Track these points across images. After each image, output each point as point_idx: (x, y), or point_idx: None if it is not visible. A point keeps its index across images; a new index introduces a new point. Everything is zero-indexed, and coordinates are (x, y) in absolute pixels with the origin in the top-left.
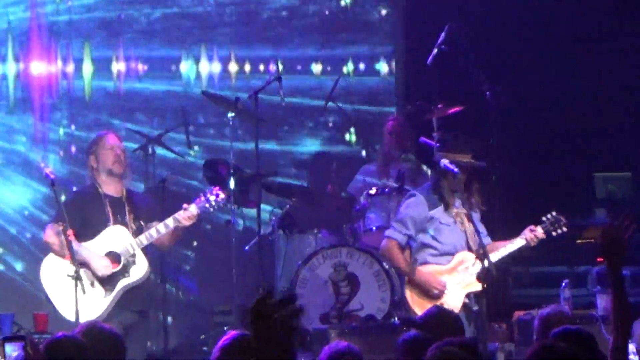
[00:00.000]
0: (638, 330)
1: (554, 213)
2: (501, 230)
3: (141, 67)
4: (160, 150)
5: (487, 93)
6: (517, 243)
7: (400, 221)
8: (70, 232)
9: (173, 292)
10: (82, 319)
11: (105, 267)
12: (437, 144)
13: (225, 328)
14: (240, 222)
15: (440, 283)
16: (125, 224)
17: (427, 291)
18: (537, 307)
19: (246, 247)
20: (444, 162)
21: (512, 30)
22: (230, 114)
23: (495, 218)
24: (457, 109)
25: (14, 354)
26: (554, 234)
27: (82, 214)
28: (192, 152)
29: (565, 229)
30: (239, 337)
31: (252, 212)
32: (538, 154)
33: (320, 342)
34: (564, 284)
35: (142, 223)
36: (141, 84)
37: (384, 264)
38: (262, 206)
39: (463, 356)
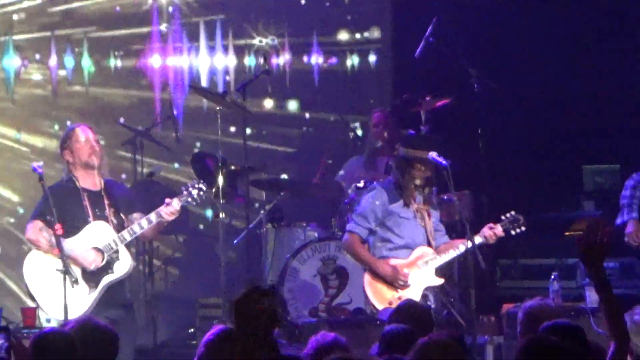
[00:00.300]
0: (627, 322)
1: (513, 212)
2: (491, 221)
3: None
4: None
5: (476, 85)
6: (475, 241)
7: (362, 214)
8: (58, 225)
9: (161, 285)
10: (68, 316)
11: (93, 260)
12: (402, 140)
13: (214, 322)
14: (228, 216)
15: (404, 275)
16: (105, 218)
17: (389, 284)
18: (526, 300)
19: (235, 241)
20: (432, 154)
21: (501, 23)
22: (218, 107)
23: (484, 210)
24: (445, 101)
25: None
26: (512, 232)
27: (60, 209)
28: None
29: (524, 228)
30: (223, 332)
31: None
32: (527, 147)
33: (309, 335)
34: (553, 276)
35: (123, 216)
36: None
37: None
38: (250, 199)
39: (451, 350)
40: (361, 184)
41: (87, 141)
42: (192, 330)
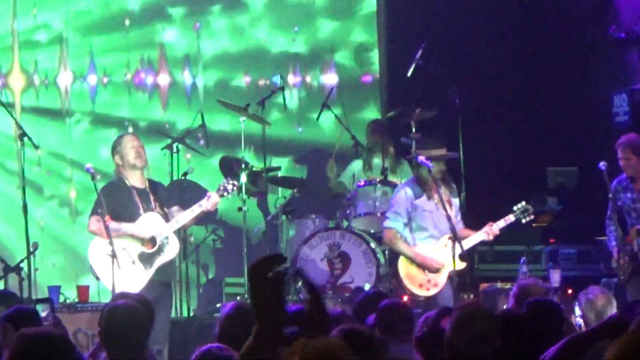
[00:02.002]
0: (582, 299)
1: (523, 203)
2: (469, 215)
3: None
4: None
5: (456, 100)
6: (480, 236)
7: (395, 212)
8: (107, 217)
9: (193, 268)
10: (127, 290)
11: (146, 231)
12: (417, 144)
13: (237, 298)
14: (250, 208)
15: (439, 262)
16: (153, 210)
17: (426, 269)
18: (499, 280)
19: (255, 230)
20: (420, 158)
21: (478, 44)
22: (242, 118)
23: (463, 205)
24: (431, 113)
25: (44, 313)
26: (523, 221)
27: (116, 203)
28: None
29: (532, 216)
30: (239, 305)
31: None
32: (499, 151)
33: None
34: (522, 260)
35: (166, 209)
36: None
37: (371, 244)
38: (269, 195)
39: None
40: (361, 183)
41: (133, 147)
42: (219, 305)
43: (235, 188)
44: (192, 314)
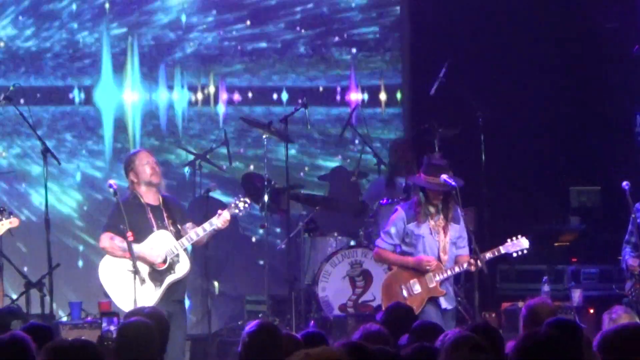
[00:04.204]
0: (606, 319)
1: (519, 239)
2: (490, 234)
3: None
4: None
5: (480, 119)
6: (486, 256)
7: (387, 233)
8: (129, 233)
9: (214, 285)
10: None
11: (158, 256)
12: (421, 167)
13: (259, 315)
14: (272, 226)
15: (427, 261)
16: (166, 228)
17: (417, 271)
18: (521, 299)
19: (277, 247)
20: (444, 177)
21: (501, 63)
22: (265, 135)
23: (485, 224)
24: (454, 131)
25: (112, 327)
26: (514, 255)
27: (129, 221)
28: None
29: (525, 251)
30: (262, 325)
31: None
32: (522, 170)
33: (339, 328)
34: (544, 279)
35: (179, 226)
36: None
37: None
38: (291, 213)
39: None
40: (384, 201)
41: (148, 164)
42: (241, 322)
43: (247, 206)
44: (213, 331)
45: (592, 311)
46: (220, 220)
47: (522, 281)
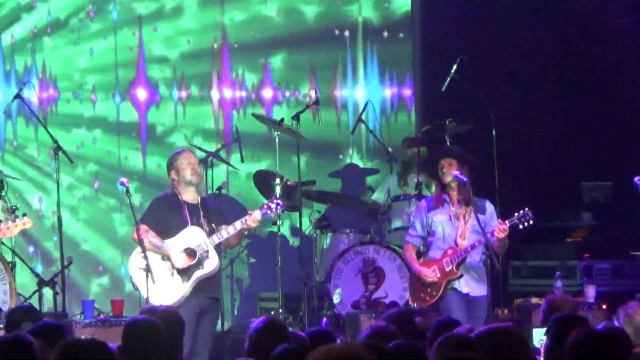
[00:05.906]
0: (621, 314)
1: (526, 209)
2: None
3: None
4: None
5: (492, 115)
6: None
7: (412, 226)
8: (143, 228)
9: (228, 282)
10: (164, 302)
11: (182, 261)
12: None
13: (272, 312)
14: (284, 222)
15: (425, 275)
16: (200, 225)
17: (421, 280)
18: (534, 295)
19: (290, 245)
20: (455, 172)
21: (513, 59)
22: (276, 132)
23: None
24: (466, 127)
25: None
26: (520, 226)
27: (165, 216)
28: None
29: (531, 222)
30: (267, 320)
31: (295, 214)
32: (534, 166)
33: (351, 325)
34: (556, 275)
35: (214, 226)
36: None
37: None
38: (303, 210)
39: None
40: (396, 198)
41: (189, 164)
42: (253, 319)
43: (279, 208)
44: (227, 327)
45: (604, 307)
46: (252, 219)
47: (534, 277)
